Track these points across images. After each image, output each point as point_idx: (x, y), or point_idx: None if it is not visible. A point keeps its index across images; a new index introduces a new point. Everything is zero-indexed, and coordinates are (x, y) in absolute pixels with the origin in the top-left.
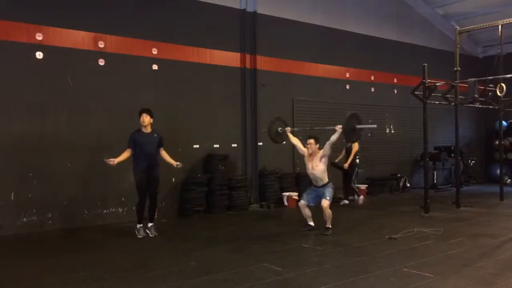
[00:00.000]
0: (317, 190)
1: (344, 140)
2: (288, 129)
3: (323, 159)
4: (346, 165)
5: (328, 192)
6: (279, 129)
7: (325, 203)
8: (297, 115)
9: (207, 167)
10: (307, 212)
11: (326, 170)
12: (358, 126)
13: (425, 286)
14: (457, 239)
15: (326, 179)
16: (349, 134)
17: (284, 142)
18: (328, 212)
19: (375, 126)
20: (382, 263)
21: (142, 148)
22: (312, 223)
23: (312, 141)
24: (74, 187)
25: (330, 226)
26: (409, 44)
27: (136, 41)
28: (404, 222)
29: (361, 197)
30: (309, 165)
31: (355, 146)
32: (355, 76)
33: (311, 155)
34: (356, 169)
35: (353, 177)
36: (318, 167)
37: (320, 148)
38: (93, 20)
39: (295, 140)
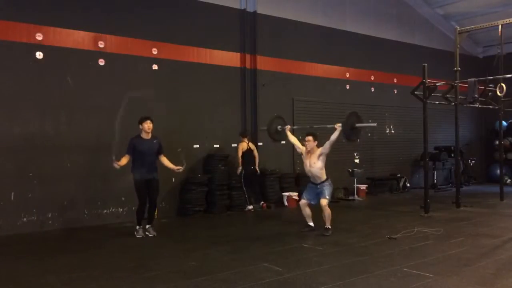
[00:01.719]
0: (316, 188)
1: (344, 140)
2: (288, 127)
3: (321, 157)
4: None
5: (327, 190)
6: (279, 127)
7: (324, 201)
8: (297, 115)
9: (207, 167)
10: (307, 211)
11: (324, 167)
12: (358, 125)
13: (425, 286)
14: (457, 239)
15: (324, 177)
16: (349, 133)
17: (283, 142)
18: (327, 211)
19: (375, 124)
20: (382, 263)
21: (142, 155)
22: (311, 223)
23: (310, 138)
24: (74, 187)
25: (330, 227)
26: (409, 44)
27: (136, 41)
28: (404, 222)
29: (251, 207)
30: (307, 162)
31: (241, 145)
32: (355, 76)
33: (309, 152)
34: (242, 171)
35: (242, 180)
36: (315, 165)
37: (318, 146)
38: (93, 20)
39: (293, 139)
